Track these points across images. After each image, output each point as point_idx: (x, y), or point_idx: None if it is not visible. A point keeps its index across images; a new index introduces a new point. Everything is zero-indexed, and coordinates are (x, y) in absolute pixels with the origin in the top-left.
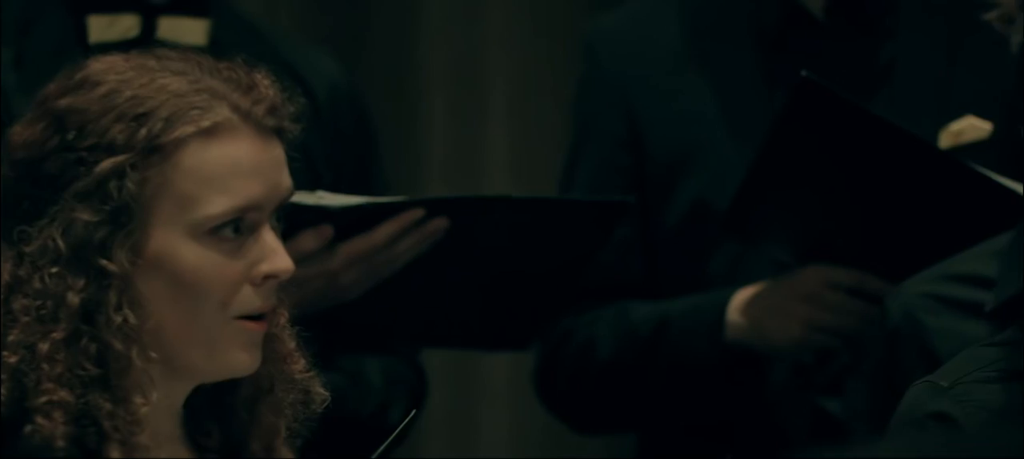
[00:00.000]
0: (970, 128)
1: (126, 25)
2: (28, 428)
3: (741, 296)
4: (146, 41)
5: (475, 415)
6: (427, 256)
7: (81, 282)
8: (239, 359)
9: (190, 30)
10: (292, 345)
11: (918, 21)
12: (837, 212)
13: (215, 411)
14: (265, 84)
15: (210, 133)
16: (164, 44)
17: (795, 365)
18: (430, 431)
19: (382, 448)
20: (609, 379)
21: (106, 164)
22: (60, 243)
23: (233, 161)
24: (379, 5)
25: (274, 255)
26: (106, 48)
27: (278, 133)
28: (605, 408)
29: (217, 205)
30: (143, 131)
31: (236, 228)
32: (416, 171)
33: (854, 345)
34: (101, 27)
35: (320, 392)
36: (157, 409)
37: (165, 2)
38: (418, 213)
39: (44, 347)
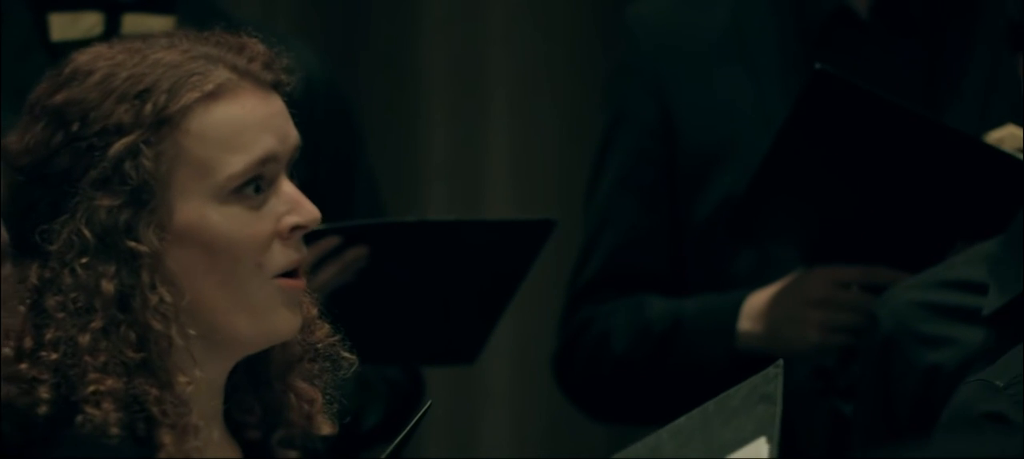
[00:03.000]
0: (1010, 137)
1: (89, 23)
2: (79, 418)
3: (753, 303)
4: (110, 39)
5: (475, 415)
6: (352, 283)
7: (112, 268)
8: (283, 320)
9: (156, 27)
10: (314, 312)
11: (963, 24)
12: (849, 203)
13: (253, 387)
14: (253, 42)
15: (214, 95)
16: None
17: (815, 368)
18: (430, 431)
19: (390, 449)
20: (623, 372)
21: (118, 146)
22: (86, 234)
23: (242, 118)
24: (379, 5)
25: (299, 206)
26: (69, 46)
27: (276, 87)
28: (619, 400)
29: (235, 164)
30: (148, 106)
31: (257, 187)
32: (416, 171)
33: None
34: (63, 25)
35: (347, 357)
36: (201, 388)
37: None
38: (333, 242)
39: (84, 339)
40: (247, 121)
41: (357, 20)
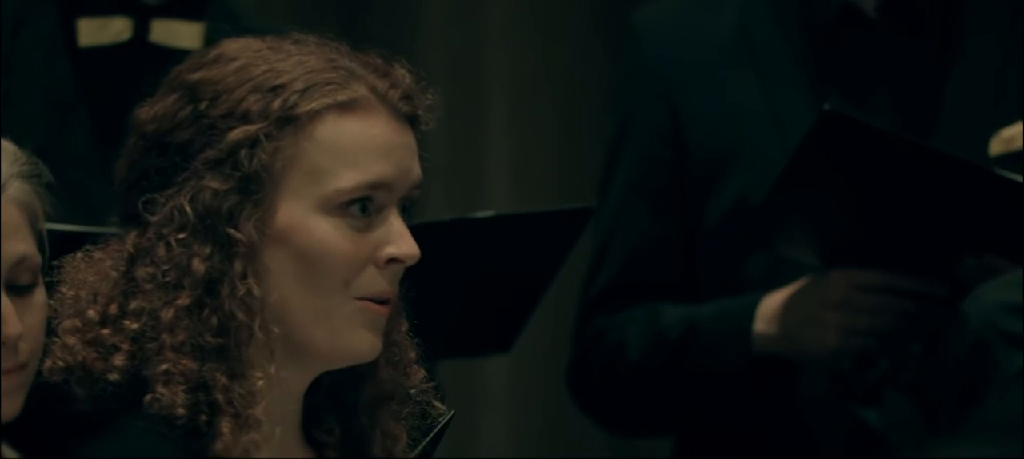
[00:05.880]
0: (1021, 134)
1: (118, 28)
2: (148, 397)
3: (768, 305)
4: (139, 44)
5: (475, 418)
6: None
7: (207, 250)
8: (361, 339)
9: (185, 33)
10: (412, 355)
11: (973, 23)
12: (859, 221)
13: (337, 410)
14: (402, 72)
15: (346, 108)
16: (159, 47)
17: (832, 374)
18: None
19: (417, 451)
20: (638, 382)
21: (238, 132)
22: (188, 210)
23: (367, 138)
24: (378, 5)
25: (401, 239)
26: (97, 52)
27: (412, 121)
28: (636, 411)
29: (347, 179)
30: (278, 101)
31: (364, 208)
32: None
33: (895, 353)
34: (92, 30)
35: (437, 406)
36: (277, 387)
37: (159, 4)
38: None
39: (167, 314)
40: (370, 142)
41: (356, 20)
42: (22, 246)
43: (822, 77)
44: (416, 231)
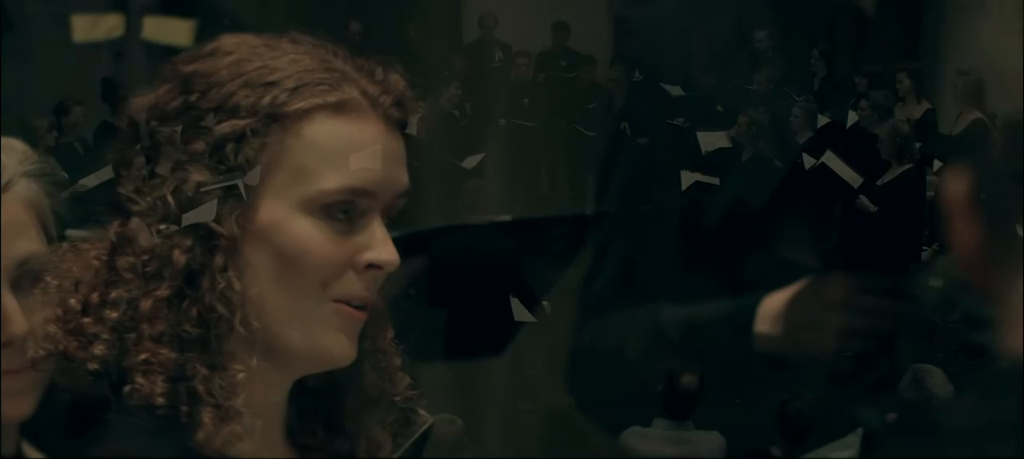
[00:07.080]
0: None
1: (110, 24)
2: (127, 388)
3: (769, 306)
4: (131, 41)
5: (475, 418)
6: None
7: (188, 242)
8: (335, 341)
9: (176, 30)
10: (397, 362)
11: None
12: (860, 227)
13: (321, 414)
14: (396, 78)
15: (335, 109)
16: (150, 44)
17: (832, 374)
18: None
19: (400, 452)
20: (638, 382)
21: (225, 126)
22: (170, 201)
23: (353, 140)
24: (378, 5)
25: (381, 245)
26: (90, 48)
27: (402, 128)
28: (635, 411)
29: (330, 181)
30: (267, 98)
31: (346, 211)
32: (413, 172)
33: (893, 353)
34: (85, 27)
35: (422, 414)
36: (258, 380)
37: (150, 1)
38: None
39: (146, 304)
40: (357, 145)
41: (354, 20)
42: (28, 245)
43: (821, 77)
44: (413, 238)
